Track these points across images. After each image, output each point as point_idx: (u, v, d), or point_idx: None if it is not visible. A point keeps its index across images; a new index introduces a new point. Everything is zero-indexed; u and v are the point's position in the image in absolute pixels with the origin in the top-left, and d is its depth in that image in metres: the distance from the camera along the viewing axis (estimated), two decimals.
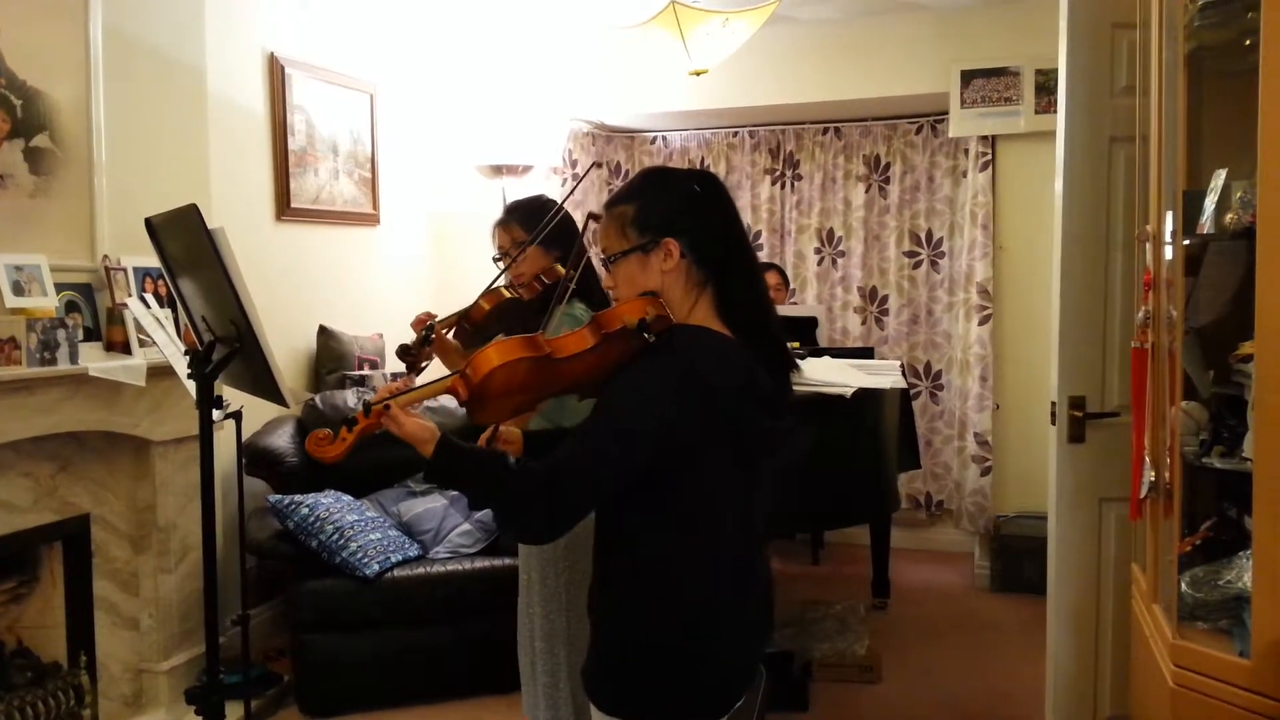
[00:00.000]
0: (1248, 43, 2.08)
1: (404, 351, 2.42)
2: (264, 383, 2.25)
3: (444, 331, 2.50)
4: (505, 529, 1.63)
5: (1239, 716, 1.85)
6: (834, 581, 5.01)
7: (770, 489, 1.75)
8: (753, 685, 1.74)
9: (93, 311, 3.22)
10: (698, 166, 5.83)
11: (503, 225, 2.66)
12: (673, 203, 1.69)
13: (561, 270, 2.50)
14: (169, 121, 3.52)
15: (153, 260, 3.24)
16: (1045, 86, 4.86)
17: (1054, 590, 2.93)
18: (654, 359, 1.61)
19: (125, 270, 3.28)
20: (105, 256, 3.25)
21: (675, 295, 1.67)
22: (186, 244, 2.24)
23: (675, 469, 1.59)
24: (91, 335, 3.20)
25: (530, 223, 2.60)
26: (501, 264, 2.64)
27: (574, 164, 5.65)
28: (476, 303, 2.49)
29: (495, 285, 2.53)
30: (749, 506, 1.71)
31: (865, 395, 3.69)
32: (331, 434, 1.55)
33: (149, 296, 3.25)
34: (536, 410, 1.86)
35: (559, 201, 2.75)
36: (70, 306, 3.13)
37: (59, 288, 3.07)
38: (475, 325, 2.52)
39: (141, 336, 3.21)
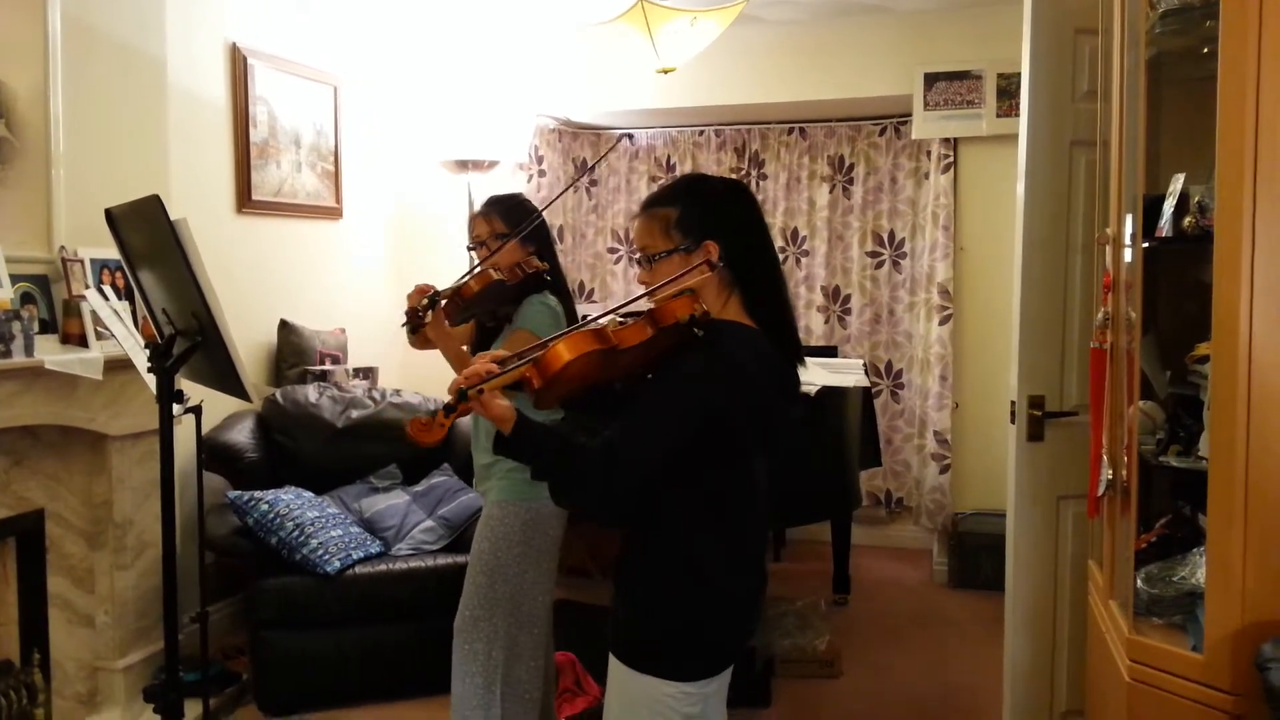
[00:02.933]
0: (1206, 50, 2.13)
1: (412, 314, 2.61)
2: (227, 377, 2.22)
3: (442, 302, 2.65)
4: (561, 501, 1.75)
5: (1192, 709, 1.89)
6: (795, 578, 5.04)
7: (779, 474, 1.95)
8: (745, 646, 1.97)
9: (49, 303, 3.16)
10: (664, 165, 5.84)
11: (484, 216, 2.79)
12: (716, 208, 1.83)
13: (538, 262, 2.70)
14: (128, 112, 3.46)
15: (110, 252, 3.19)
16: (1006, 90, 4.93)
17: (1012, 587, 2.97)
18: (700, 352, 1.74)
19: (82, 262, 3.23)
20: (62, 248, 3.19)
21: (710, 293, 1.81)
22: (148, 235, 2.21)
23: (714, 450, 1.74)
24: (47, 327, 3.14)
25: (510, 216, 2.76)
26: (477, 253, 2.80)
27: (540, 160, 5.64)
28: (467, 282, 2.64)
29: (484, 268, 2.69)
30: (766, 486, 1.89)
31: (829, 393, 3.73)
32: (430, 420, 1.65)
33: (107, 288, 3.20)
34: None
35: (533, 203, 2.90)
36: (26, 298, 3.06)
37: (14, 279, 3.01)
38: (465, 301, 2.66)
39: (99, 329, 3.15)
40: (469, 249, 2.84)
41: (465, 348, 2.82)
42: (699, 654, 1.81)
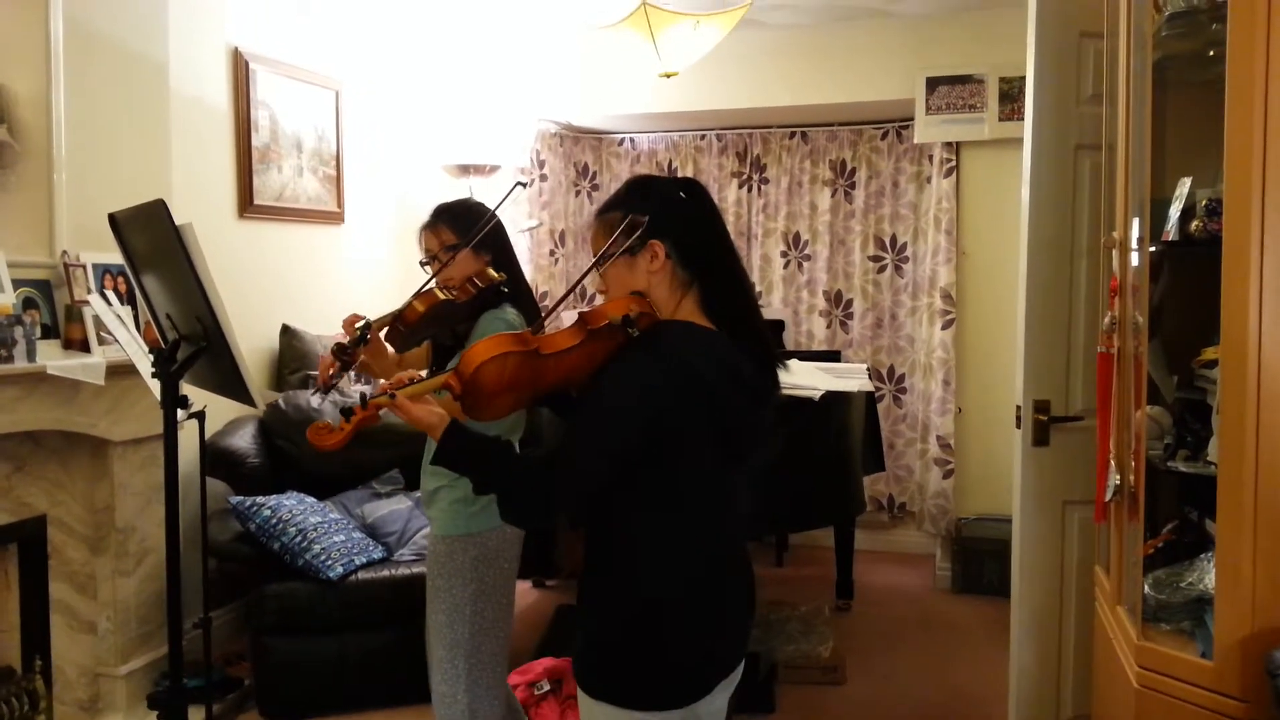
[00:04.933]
0: (1211, 54, 2.12)
1: (340, 350, 2.35)
2: (232, 382, 2.21)
3: (378, 332, 2.46)
4: (505, 513, 1.67)
5: (1201, 716, 1.88)
6: (798, 583, 5.04)
7: (747, 485, 1.83)
8: (730, 676, 1.79)
9: (51, 308, 3.16)
10: (665, 169, 5.84)
11: (430, 228, 2.59)
12: (657, 207, 1.76)
13: (493, 274, 2.47)
14: (131, 116, 3.46)
15: (112, 256, 3.19)
16: (1008, 94, 4.93)
17: (1018, 592, 2.96)
18: (642, 353, 1.67)
19: (84, 267, 3.22)
20: (64, 252, 3.19)
21: (661, 294, 1.75)
22: (152, 240, 2.20)
23: (664, 458, 1.66)
24: (49, 333, 3.14)
25: (459, 225, 2.54)
26: (430, 268, 2.58)
27: (541, 164, 5.64)
28: (410, 304, 2.42)
29: (429, 287, 2.46)
30: (733, 499, 1.78)
31: (832, 398, 3.72)
32: (331, 424, 1.62)
33: (109, 293, 3.19)
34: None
35: (486, 206, 2.67)
36: (28, 303, 3.06)
37: (16, 284, 3.01)
38: (409, 327, 2.44)
39: (102, 334, 3.15)
40: (422, 264, 2.62)
41: (423, 372, 2.54)
42: (659, 680, 1.68)
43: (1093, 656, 2.61)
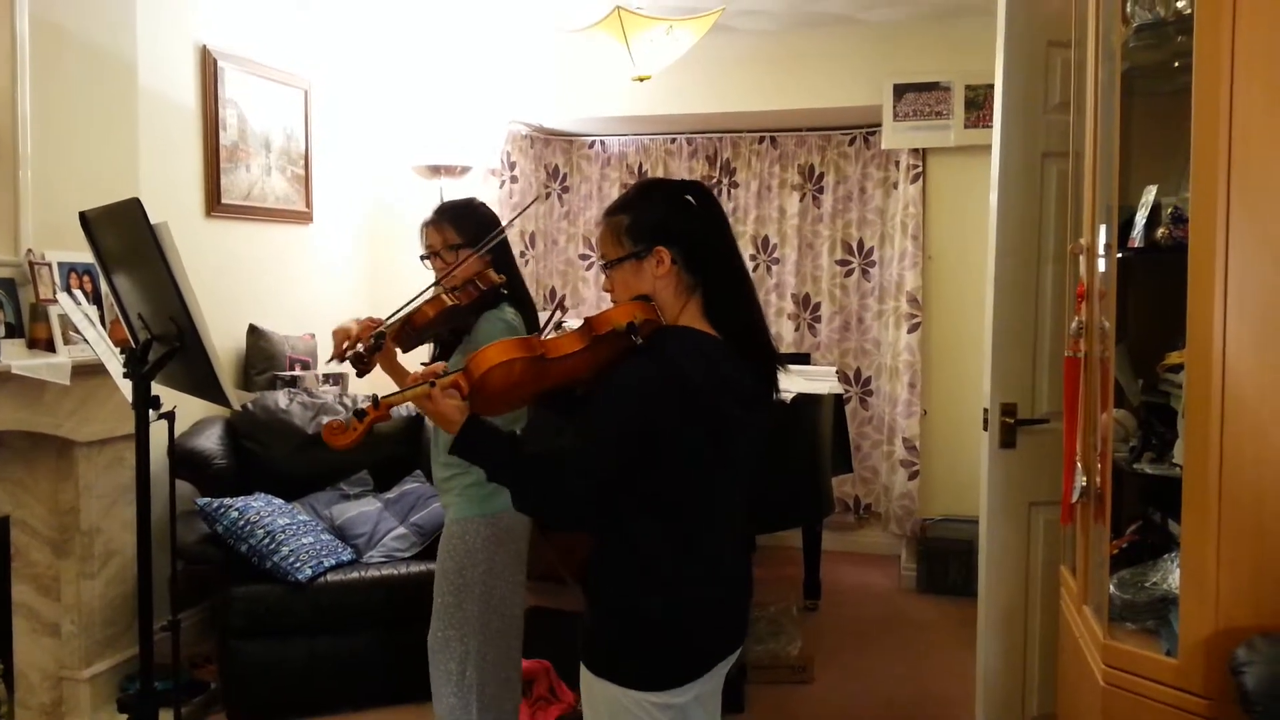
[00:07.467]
0: (1177, 64, 2.17)
1: (357, 359, 2.46)
2: (206, 383, 2.19)
3: (390, 333, 2.52)
4: (517, 502, 1.73)
5: (1166, 713, 1.92)
6: (766, 584, 5.06)
7: (746, 483, 1.88)
8: (729, 657, 1.87)
9: (15, 307, 3.11)
10: (636, 172, 5.85)
11: (434, 225, 2.66)
12: (664, 213, 1.80)
13: (494, 275, 2.56)
14: (98, 114, 3.42)
15: (79, 255, 3.15)
16: (974, 102, 4.99)
17: (985, 592, 3.00)
18: (642, 359, 1.72)
19: (50, 265, 3.18)
20: (29, 251, 3.14)
21: (666, 299, 1.79)
22: (125, 239, 2.18)
23: (658, 459, 1.70)
24: (14, 332, 3.09)
25: (462, 224, 2.63)
26: (430, 263, 2.67)
27: (512, 166, 5.63)
28: (420, 309, 2.52)
29: (436, 292, 2.56)
30: (727, 496, 1.83)
31: (803, 400, 3.75)
32: (344, 423, 1.68)
33: (76, 293, 3.15)
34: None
35: (489, 208, 2.78)
36: None
37: None
38: (416, 330, 2.55)
39: (70, 333, 3.11)
40: (422, 259, 2.71)
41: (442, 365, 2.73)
42: (655, 663, 1.76)
43: (1058, 655, 2.66)
